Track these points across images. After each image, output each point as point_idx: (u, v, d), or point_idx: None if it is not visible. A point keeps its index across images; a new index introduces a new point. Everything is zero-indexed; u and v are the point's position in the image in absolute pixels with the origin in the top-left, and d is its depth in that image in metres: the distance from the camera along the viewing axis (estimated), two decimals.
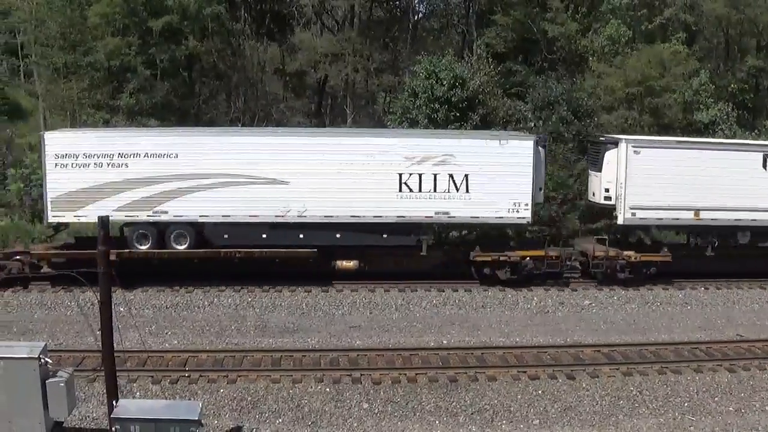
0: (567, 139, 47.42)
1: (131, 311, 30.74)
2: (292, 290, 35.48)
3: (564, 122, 48.41)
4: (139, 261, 35.40)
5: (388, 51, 66.53)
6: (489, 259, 36.90)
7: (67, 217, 35.40)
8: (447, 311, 34.52)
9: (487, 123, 47.29)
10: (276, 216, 35.20)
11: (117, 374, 21.71)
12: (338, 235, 35.69)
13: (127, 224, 35.43)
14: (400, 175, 35.43)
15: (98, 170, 34.67)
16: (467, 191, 35.63)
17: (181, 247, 35.57)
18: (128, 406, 21.14)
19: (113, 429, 20.48)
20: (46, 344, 21.80)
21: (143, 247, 35.38)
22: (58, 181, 34.76)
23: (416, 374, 27.28)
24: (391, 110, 51.17)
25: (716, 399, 26.55)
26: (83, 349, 28.49)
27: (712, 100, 52.20)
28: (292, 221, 35.35)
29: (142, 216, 35.03)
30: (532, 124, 49.06)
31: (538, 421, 25.37)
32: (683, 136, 46.65)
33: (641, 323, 33.77)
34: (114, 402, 21.01)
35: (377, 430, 24.76)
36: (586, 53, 57.55)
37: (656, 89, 50.79)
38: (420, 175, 35.47)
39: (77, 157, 34.66)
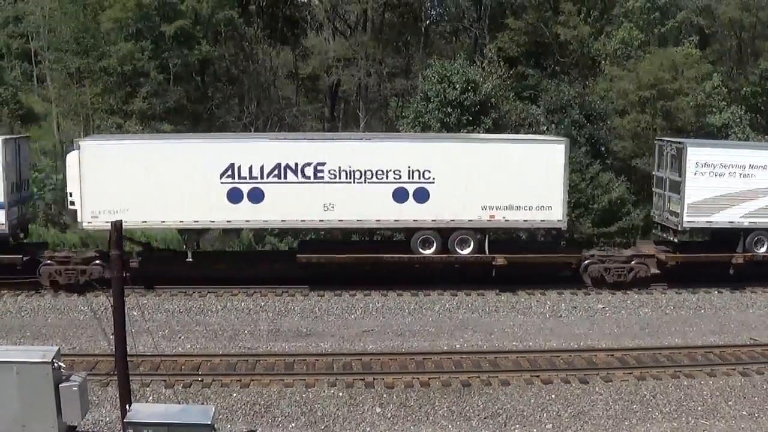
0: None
1: (144, 315, 30.79)
2: (305, 294, 35.52)
3: (576, 126, 48.36)
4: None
5: (401, 55, 66.61)
6: None
7: (700, 222, 37.35)
8: (460, 315, 34.48)
9: (499, 127, 47.29)
10: None
11: (130, 378, 21.76)
12: None
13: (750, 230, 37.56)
14: None
15: (730, 179, 36.92)
16: None
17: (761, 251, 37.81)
18: (141, 411, 21.17)
19: None
20: (59, 348, 21.89)
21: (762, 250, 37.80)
22: (695, 189, 36.75)
23: (429, 378, 27.26)
24: (403, 114, 51.13)
25: (730, 403, 26.46)
26: (96, 353, 28.63)
27: (724, 104, 52.07)
28: None
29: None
30: (545, 128, 49.04)
31: (551, 425, 25.32)
32: (696, 138, 46.63)
33: (654, 327, 33.66)
34: (127, 406, 21.05)
35: None
36: (598, 57, 57.52)
37: (669, 92, 50.66)
38: None
39: (714, 167, 36.72)
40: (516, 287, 36.58)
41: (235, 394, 26.00)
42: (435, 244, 36.11)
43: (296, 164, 35.02)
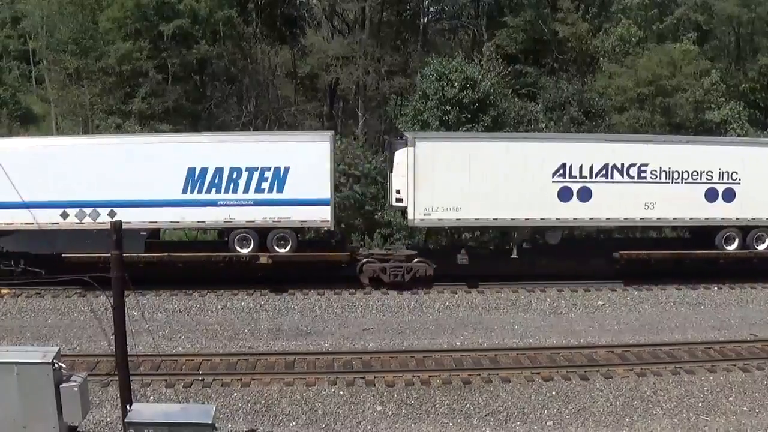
0: None
1: (144, 315, 30.79)
2: (305, 293, 35.47)
3: (575, 123, 48.36)
4: None
5: (399, 53, 66.56)
6: None
7: None
8: (460, 313, 34.48)
9: (498, 124, 47.24)
10: None
11: (131, 378, 21.76)
12: None
13: None
14: None
15: None
16: None
17: None
18: (142, 411, 21.15)
19: None
20: (59, 349, 21.84)
21: None
22: None
23: (430, 376, 27.28)
24: (402, 112, 51.11)
25: (730, 399, 26.47)
26: (97, 353, 28.60)
27: (723, 100, 52.07)
28: None
29: None
30: (544, 125, 49.03)
31: (551, 422, 25.34)
32: (694, 135, 46.67)
33: (655, 323, 33.66)
34: (128, 406, 21.05)
35: None
36: (596, 53, 57.53)
37: (667, 89, 50.68)
38: None
39: None
40: (516, 285, 36.66)
41: (235, 394, 26.00)
42: (737, 241, 37.55)
43: (622, 164, 36.23)
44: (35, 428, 20.77)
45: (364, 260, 36.72)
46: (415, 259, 36.71)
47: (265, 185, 34.83)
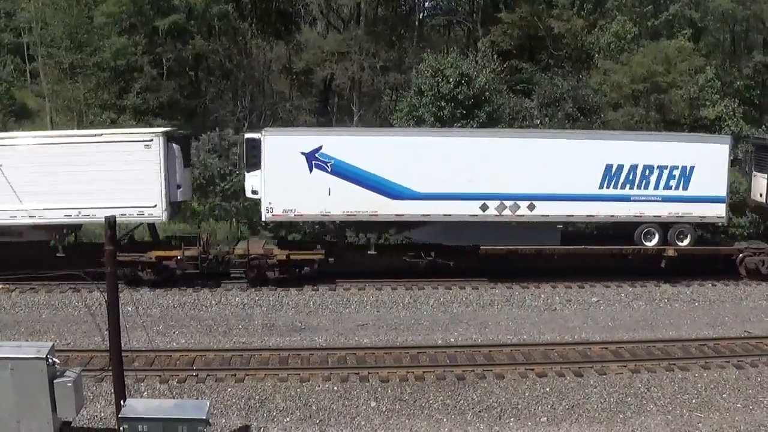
0: None
1: (138, 311, 30.77)
2: (300, 289, 35.49)
3: (570, 119, 48.37)
4: None
5: (394, 49, 66.56)
6: None
7: None
8: (454, 309, 34.50)
9: (493, 120, 47.24)
10: None
11: (125, 374, 21.75)
12: None
13: None
14: None
15: None
16: None
17: None
18: (136, 406, 21.17)
19: (121, 429, 20.49)
20: (53, 344, 21.85)
21: None
22: None
23: (424, 372, 27.25)
24: (397, 108, 51.07)
25: (724, 396, 26.48)
26: (91, 348, 28.57)
27: (718, 97, 52.11)
28: None
29: None
30: (538, 122, 49.04)
31: (545, 418, 25.33)
32: (689, 132, 46.68)
33: (649, 320, 33.69)
34: (122, 401, 21.06)
35: (385, 428, 24.75)
36: (591, 50, 57.52)
37: (662, 86, 50.69)
38: None
39: None
40: (511, 280, 36.68)
41: (229, 389, 25.97)
42: None
43: None
44: (29, 423, 20.77)
45: (742, 254, 38.57)
46: None
47: (673, 183, 36.98)
